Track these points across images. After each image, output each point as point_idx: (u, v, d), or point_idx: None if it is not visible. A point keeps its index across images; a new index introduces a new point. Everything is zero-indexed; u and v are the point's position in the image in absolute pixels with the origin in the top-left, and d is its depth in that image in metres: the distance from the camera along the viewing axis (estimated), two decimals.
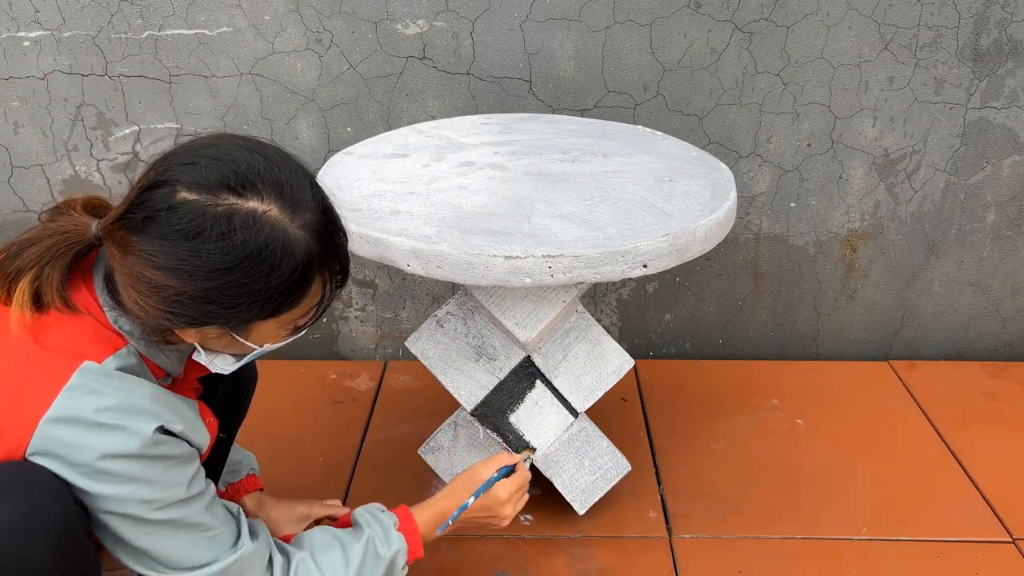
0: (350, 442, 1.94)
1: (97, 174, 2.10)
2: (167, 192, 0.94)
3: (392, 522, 1.24)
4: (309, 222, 0.98)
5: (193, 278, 0.94)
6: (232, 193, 0.95)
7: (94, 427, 0.94)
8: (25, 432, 0.94)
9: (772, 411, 2.05)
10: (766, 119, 2.06)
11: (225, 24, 1.96)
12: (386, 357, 2.31)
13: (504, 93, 2.02)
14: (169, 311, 0.96)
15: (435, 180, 1.50)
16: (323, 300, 1.04)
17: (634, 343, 2.30)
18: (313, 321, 1.06)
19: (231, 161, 0.96)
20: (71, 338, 0.99)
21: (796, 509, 1.74)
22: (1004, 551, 1.64)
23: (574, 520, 1.69)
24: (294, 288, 0.99)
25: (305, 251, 0.98)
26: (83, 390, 0.95)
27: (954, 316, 2.28)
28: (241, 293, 0.96)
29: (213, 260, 0.93)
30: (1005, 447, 1.93)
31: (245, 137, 1.01)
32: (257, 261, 0.95)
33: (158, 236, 0.93)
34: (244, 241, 0.94)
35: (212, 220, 0.93)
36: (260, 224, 0.95)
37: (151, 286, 0.94)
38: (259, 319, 1.00)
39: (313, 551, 1.16)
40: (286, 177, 0.98)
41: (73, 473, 0.94)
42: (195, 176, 0.95)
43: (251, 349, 1.06)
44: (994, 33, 1.98)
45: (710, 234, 1.37)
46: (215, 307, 0.96)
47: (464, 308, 1.60)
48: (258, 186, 0.96)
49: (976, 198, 2.14)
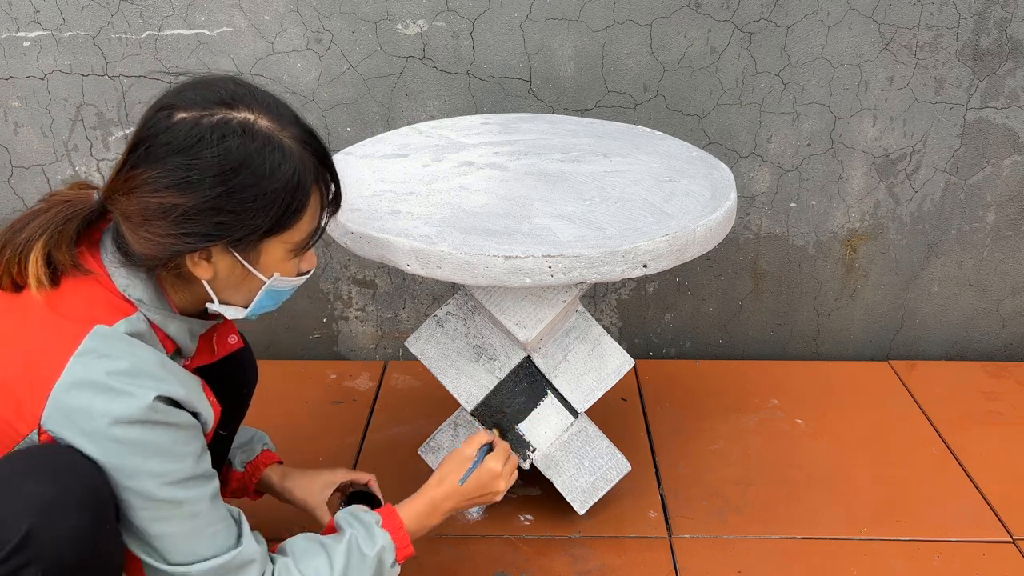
0: (350, 442, 1.94)
1: (97, 174, 2.10)
2: (164, 116, 1.00)
3: (374, 520, 1.23)
4: (297, 135, 1.04)
5: (199, 188, 0.98)
6: (224, 107, 1.01)
7: (105, 390, 0.96)
8: (40, 398, 0.96)
9: (772, 411, 2.05)
10: (766, 119, 2.06)
11: (225, 24, 1.96)
12: (386, 357, 2.31)
13: (504, 93, 2.02)
14: (180, 232, 0.99)
15: (435, 180, 1.50)
16: (320, 219, 1.09)
17: (634, 343, 2.30)
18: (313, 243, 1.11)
19: (221, 84, 1.03)
20: (84, 304, 1.01)
21: (796, 509, 1.74)
22: (1004, 551, 1.64)
23: (574, 520, 1.69)
24: (295, 193, 1.03)
25: (299, 158, 1.04)
26: (95, 354, 0.97)
27: (954, 316, 2.28)
28: (245, 197, 1.00)
29: (216, 164, 0.98)
30: (1005, 447, 1.93)
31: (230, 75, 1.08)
32: (258, 162, 1.00)
33: (160, 157, 0.98)
34: (242, 144, 0.99)
35: (209, 128, 0.99)
36: (254, 130, 1.01)
37: (160, 211, 0.98)
38: (265, 232, 1.03)
39: (296, 558, 1.15)
40: (272, 100, 1.05)
41: (87, 442, 0.96)
42: (188, 97, 1.01)
43: (260, 284, 1.09)
44: (994, 33, 1.98)
45: (710, 234, 1.37)
46: (223, 216, 1.00)
47: (464, 308, 1.60)
48: (247, 100, 1.02)
49: (976, 198, 2.14)
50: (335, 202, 1.12)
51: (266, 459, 1.50)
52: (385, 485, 1.80)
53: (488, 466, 1.36)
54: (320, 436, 1.95)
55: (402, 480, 1.80)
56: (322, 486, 1.49)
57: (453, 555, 1.62)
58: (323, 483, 1.49)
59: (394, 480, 1.81)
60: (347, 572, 1.16)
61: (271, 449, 1.53)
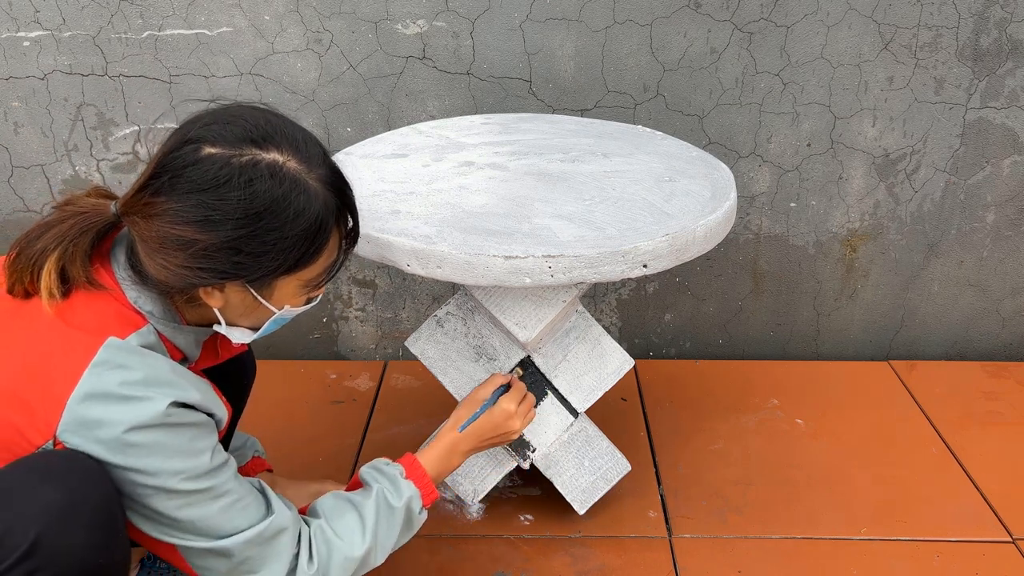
0: (350, 442, 1.94)
1: (97, 174, 2.10)
2: (192, 150, 0.98)
3: (398, 471, 1.26)
4: (324, 176, 1.04)
5: (221, 227, 0.98)
6: (254, 145, 1.00)
7: (120, 400, 0.96)
8: (55, 410, 0.96)
9: (772, 411, 2.05)
10: (766, 119, 2.06)
11: (225, 24, 1.96)
12: (386, 357, 2.31)
13: (504, 93, 2.02)
14: (197, 267, 0.99)
15: (435, 180, 1.50)
16: (337, 258, 1.10)
17: (634, 343, 2.30)
18: (327, 280, 1.11)
19: (251, 118, 1.02)
20: (95, 316, 1.02)
21: (796, 509, 1.74)
22: (1004, 551, 1.64)
23: (574, 520, 1.69)
24: (315, 237, 1.03)
25: (323, 201, 1.03)
26: (109, 365, 0.97)
27: (954, 316, 2.28)
28: (267, 241, 1.00)
29: (241, 207, 0.97)
30: (1005, 447, 1.93)
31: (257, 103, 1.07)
32: (283, 207, 0.99)
33: (185, 191, 0.97)
34: (269, 188, 0.98)
35: (238, 169, 0.98)
36: (282, 173, 1.00)
37: (179, 243, 0.98)
38: (282, 272, 1.04)
39: (328, 518, 1.18)
40: (300, 136, 1.05)
41: (103, 450, 0.96)
42: (218, 132, 0.99)
43: (269, 314, 1.09)
44: (994, 33, 1.98)
45: (710, 234, 1.37)
46: (242, 257, 1.00)
47: (464, 308, 1.60)
48: (277, 139, 1.01)
49: (976, 198, 2.14)
50: (353, 238, 1.12)
51: (256, 466, 1.51)
52: None
53: (502, 406, 1.38)
54: (320, 436, 1.95)
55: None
56: (309, 497, 1.49)
57: (453, 555, 1.62)
58: (310, 495, 1.50)
59: None
60: (378, 525, 1.19)
61: (262, 456, 1.53)
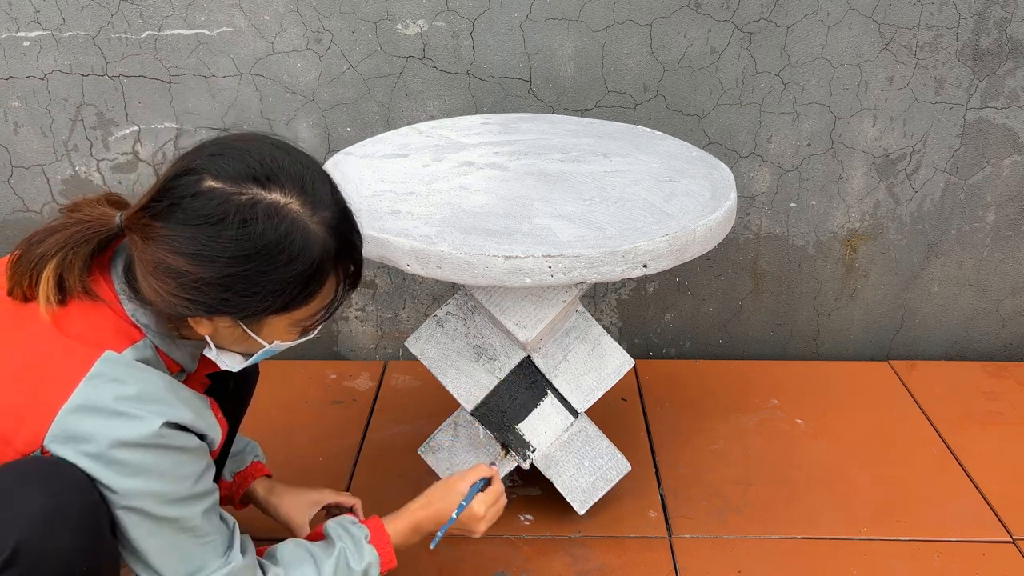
0: (350, 442, 1.94)
1: (97, 174, 2.10)
2: (194, 180, 0.97)
3: (363, 535, 1.24)
4: (327, 219, 1.01)
5: (213, 264, 0.96)
6: (256, 184, 0.98)
7: (112, 415, 0.95)
8: (45, 420, 0.95)
9: (772, 411, 2.05)
10: (766, 119, 2.06)
11: (225, 24, 1.96)
12: (386, 357, 2.31)
13: (504, 93, 2.02)
14: (186, 297, 0.98)
15: (435, 180, 1.50)
16: (334, 300, 1.07)
17: (634, 343, 2.30)
18: (323, 321, 1.08)
19: (257, 153, 0.99)
20: (92, 328, 1.01)
21: (796, 509, 1.74)
22: (1004, 551, 1.64)
23: (574, 520, 1.69)
24: (309, 282, 1.01)
25: (322, 246, 1.00)
26: (104, 378, 0.97)
27: (954, 316, 2.28)
28: (257, 282, 0.98)
29: (233, 247, 0.96)
30: (1005, 447, 1.93)
31: (272, 136, 1.04)
32: (276, 251, 0.97)
33: (181, 222, 0.96)
34: (265, 230, 0.97)
35: (235, 208, 0.96)
36: (281, 215, 0.98)
37: (171, 272, 0.97)
38: (272, 312, 1.02)
39: (286, 567, 1.16)
40: (308, 174, 1.02)
41: (88, 463, 0.96)
42: (221, 166, 0.98)
43: (260, 346, 1.08)
44: (994, 33, 1.98)
45: (710, 234, 1.37)
46: (231, 295, 0.98)
47: (464, 308, 1.60)
48: (281, 179, 0.99)
49: (976, 198, 2.14)
50: (354, 282, 1.10)
51: (255, 471, 1.50)
52: (385, 485, 1.80)
53: (472, 508, 1.33)
54: (320, 436, 1.95)
55: (402, 480, 1.81)
56: (307, 505, 1.49)
57: (453, 555, 1.62)
58: (308, 502, 1.49)
59: (394, 480, 1.81)
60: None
61: (261, 461, 1.53)
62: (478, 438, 1.64)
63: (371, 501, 1.54)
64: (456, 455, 1.66)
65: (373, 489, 1.78)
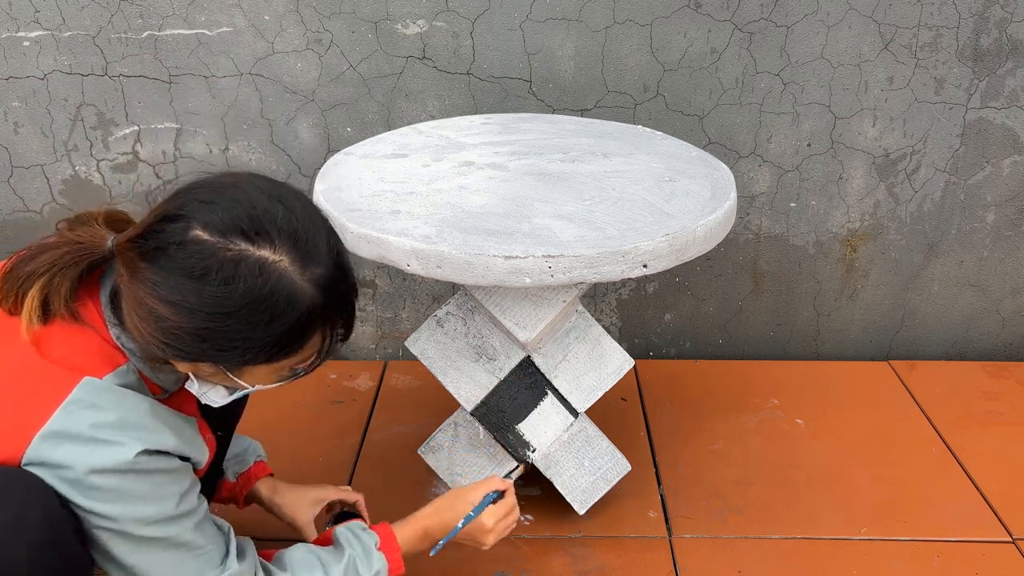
0: (350, 442, 1.94)
1: (97, 174, 2.10)
2: (181, 227, 0.94)
3: (373, 542, 1.23)
4: (318, 276, 0.98)
5: (192, 316, 0.94)
6: (244, 239, 0.95)
7: (87, 442, 0.94)
8: (20, 445, 0.94)
9: (772, 411, 2.05)
10: (766, 119, 2.06)
11: (225, 24, 1.96)
12: (386, 357, 2.31)
13: (504, 93, 2.02)
14: (164, 341, 0.96)
15: (435, 180, 1.50)
16: (321, 352, 1.05)
17: (634, 343, 2.30)
18: (309, 371, 1.07)
19: (250, 206, 0.96)
20: (74, 351, 0.99)
21: (796, 509, 1.74)
22: (1004, 551, 1.64)
23: (574, 520, 1.69)
24: (292, 340, 0.99)
25: (309, 305, 0.98)
26: (82, 404, 0.95)
27: (954, 316, 2.28)
28: (236, 339, 0.96)
29: (212, 303, 0.94)
30: (1005, 447, 1.93)
31: (272, 181, 1.01)
32: (258, 311, 0.95)
33: (165, 268, 0.94)
34: (247, 290, 0.94)
35: (218, 264, 0.93)
36: (267, 274, 0.95)
37: (151, 314, 0.95)
38: (252, 364, 1.01)
39: (294, 571, 1.16)
40: (303, 228, 0.98)
41: (66, 487, 0.94)
42: (211, 216, 0.95)
43: (243, 387, 1.06)
44: (994, 33, 1.98)
45: (710, 234, 1.37)
46: (208, 346, 0.97)
47: (464, 308, 1.60)
48: (272, 235, 0.96)
49: (976, 198, 2.14)
50: (344, 335, 1.07)
51: (258, 471, 1.50)
52: (385, 485, 1.80)
53: (482, 521, 1.32)
54: (320, 436, 1.95)
55: (402, 480, 1.81)
56: (310, 503, 1.48)
57: (453, 555, 1.61)
58: (312, 500, 1.49)
59: (394, 480, 1.81)
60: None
61: (264, 460, 1.53)
62: (478, 438, 1.64)
63: (371, 501, 1.54)
64: (456, 455, 1.66)
65: (373, 489, 1.78)
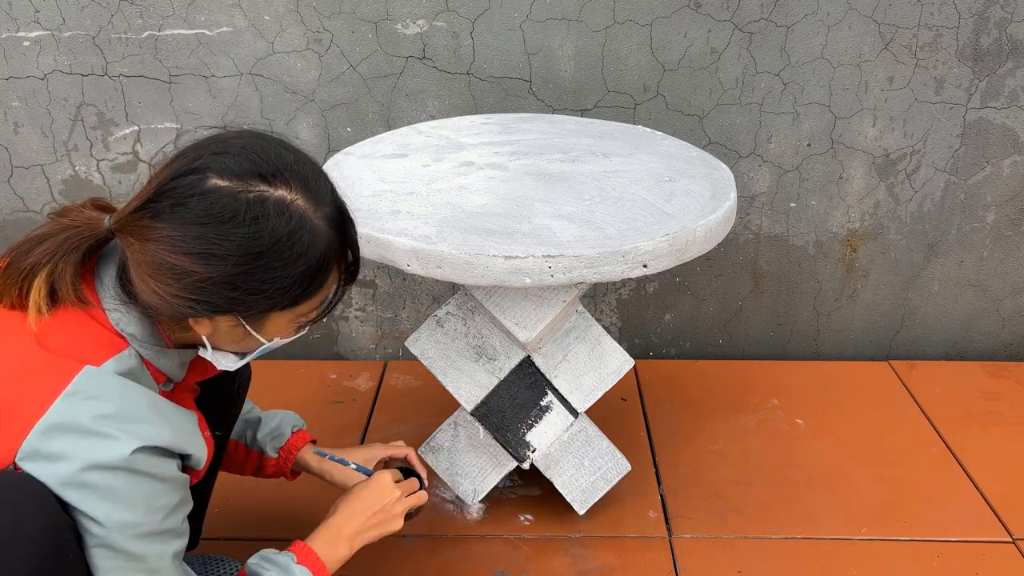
0: (350, 442, 1.94)
1: (97, 174, 2.10)
2: (198, 179, 0.96)
3: (290, 559, 1.20)
4: (329, 215, 1.02)
5: (222, 263, 0.95)
6: (263, 181, 0.97)
7: (87, 435, 0.93)
8: (18, 436, 0.92)
9: (772, 411, 2.05)
10: (766, 119, 2.06)
11: (225, 24, 1.96)
12: (386, 357, 2.31)
13: (504, 93, 2.02)
14: (191, 297, 0.97)
15: (435, 180, 1.50)
16: (335, 294, 1.08)
17: (634, 343, 2.30)
18: (322, 316, 1.09)
19: (261, 151, 0.99)
20: (72, 340, 0.98)
21: (796, 509, 1.74)
22: (1004, 551, 1.64)
23: (574, 520, 1.69)
24: (315, 276, 1.01)
25: (327, 241, 1.01)
26: (82, 395, 0.94)
27: (954, 316, 2.28)
28: (267, 279, 0.98)
29: (245, 244, 0.95)
30: (1005, 447, 1.93)
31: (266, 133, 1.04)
32: (286, 247, 0.97)
33: (187, 221, 0.95)
34: (275, 227, 0.96)
35: (245, 205, 0.95)
36: (289, 212, 0.98)
37: (174, 272, 0.95)
38: (278, 309, 1.02)
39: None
40: (309, 171, 1.02)
41: (58, 484, 0.92)
42: (226, 163, 0.97)
43: (258, 344, 1.07)
44: (994, 33, 1.98)
45: (710, 234, 1.37)
46: (239, 293, 0.98)
47: (464, 308, 1.60)
48: (286, 176, 0.99)
49: (976, 198, 2.14)
50: (352, 275, 1.09)
51: (298, 441, 1.48)
52: None
53: (379, 479, 1.31)
54: (320, 436, 1.94)
55: None
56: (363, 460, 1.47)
57: (453, 555, 1.62)
58: (362, 461, 1.47)
59: None
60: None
61: (302, 428, 1.51)
62: (478, 438, 1.64)
63: None
64: (456, 455, 1.66)
65: None
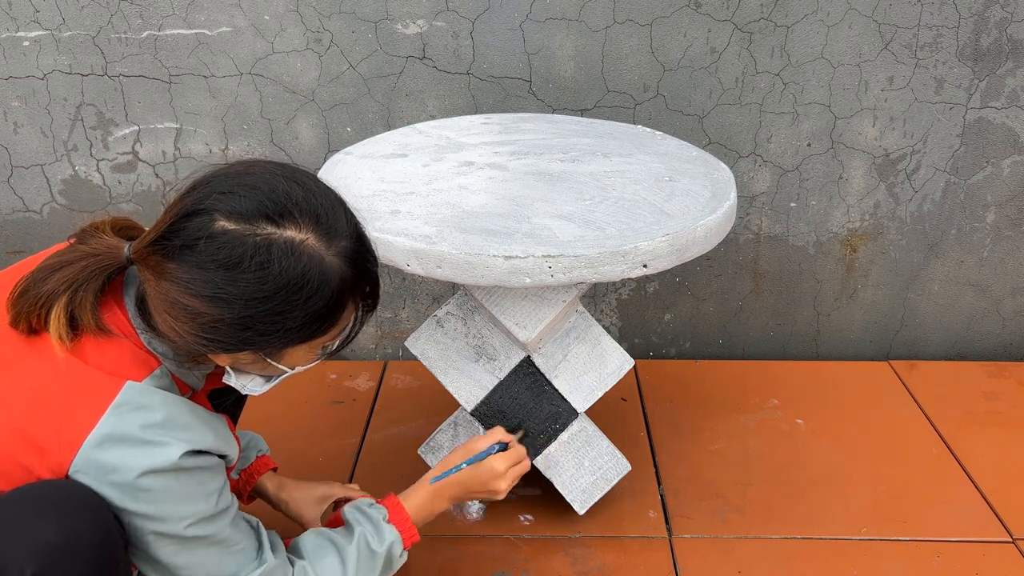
0: (350, 442, 1.94)
1: (97, 174, 2.10)
2: (205, 221, 0.95)
3: (382, 515, 1.26)
4: (344, 249, 1.00)
5: (231, 306, 0.95)
6: (270, 222, 0.96)
7: (138, 444, 0.95)
8: (69, 451, 0.95)
9: (772, 411, 2.05)
10: (766, 119, 2.06)
11: (225, 24, 1.96)
12: (386, 357, 2.31)
13: (504, 93, 2.02)
14: (205, 337, 0.97)
15: (435, 180, 1.50)
16: (354, 324, 1.07)
17: (634, 343, 2.30)
18: (344, 345, 1.08)
19: (269, 190, 0.97)
20: (110, 358, 1.00)
21: (796, 509, 1.74)
22: (1004, 551, 1.64)
23: (574, 520, 1.69)
24: (329, 314, 1.01)
25: (340, 278, 1.00)
26: (130, 407, 0.96)
27: (954, 316, 2.28)
28: (277, 320, 0.97)
29: (251, 289, 0.95)
30: (1005, 447, 1.93)
31: (281, 164, 1.02)
32: (294, 290, 0.96)
33: (196, 264, 0.94)
34: (282, 271, 0.95)
35: (251, 250, 0.94)
36: (297, 253, 0.96)
37: (187, 312, 0.96)
38: (293, 344, 1.02)
39: (310, 558, 1.18)
40: (322, 205, 1.00)
41: (114, 493, 0.96)
42: (233, 205, 0.96)
43: (282, 371, 1.08)
44: (994, 33, 1.98)
45: (710, 234, 1.37)
46: (251, 334, 0.98)
47: (464, 308, 1.60)
48: (295, 215, 0.97)
49: (976, 198, 2.14)
50: (371, 306, 1.09)
51: (261, 466, 1.51)
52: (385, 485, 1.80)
53: (491, 464, 1.36)
54: (320, 436, 1.95)
55: (402, 480, 1.80)
56: (317, 500, 1.50)
57: (453, 555, 1.62)
58: (318, 497, 1.50)
59: (394, 480, 1.81)
60: (359, 569, 1.19)
61: (266, 454, 1.54)
62: None
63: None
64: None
65: (373, 489, 1.77)
